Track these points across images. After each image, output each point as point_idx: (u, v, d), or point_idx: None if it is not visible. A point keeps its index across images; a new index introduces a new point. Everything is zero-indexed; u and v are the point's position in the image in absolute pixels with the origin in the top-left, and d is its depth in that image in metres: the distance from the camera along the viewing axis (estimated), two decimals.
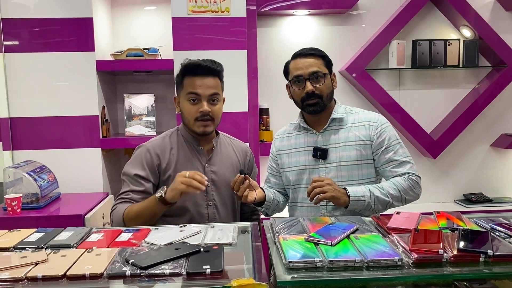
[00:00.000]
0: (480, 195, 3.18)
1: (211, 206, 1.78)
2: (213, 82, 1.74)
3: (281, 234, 1.32)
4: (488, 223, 1.39)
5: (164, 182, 1.74)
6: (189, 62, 1.76)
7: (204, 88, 1.72)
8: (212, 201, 1.78)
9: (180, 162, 1.77)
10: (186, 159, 1.78)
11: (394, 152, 1.79)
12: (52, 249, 1.27)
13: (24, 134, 2.56)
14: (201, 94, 1.72)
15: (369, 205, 1.69)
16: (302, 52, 1.84)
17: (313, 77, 1.80)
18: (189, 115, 1.74)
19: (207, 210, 1.77)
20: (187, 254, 1.19)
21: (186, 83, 1.75)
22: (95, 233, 1.41)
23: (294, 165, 1.88)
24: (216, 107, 1.76)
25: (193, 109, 1.73)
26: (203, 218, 1.76)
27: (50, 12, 2.53)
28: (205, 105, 1.72)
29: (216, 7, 2.58)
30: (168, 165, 1.75)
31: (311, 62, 1.81)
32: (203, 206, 1.77)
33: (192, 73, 1.73)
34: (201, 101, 1.72)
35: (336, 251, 1.17)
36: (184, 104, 1.76)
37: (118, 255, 1.20)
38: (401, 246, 1.20)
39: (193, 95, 1.72)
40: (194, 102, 1.73)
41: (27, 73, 2.55)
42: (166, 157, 1.76)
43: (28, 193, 2.25)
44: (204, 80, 1.72)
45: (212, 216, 1.78)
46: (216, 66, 1.77)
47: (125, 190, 1.73)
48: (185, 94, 1.75)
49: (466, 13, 2.95)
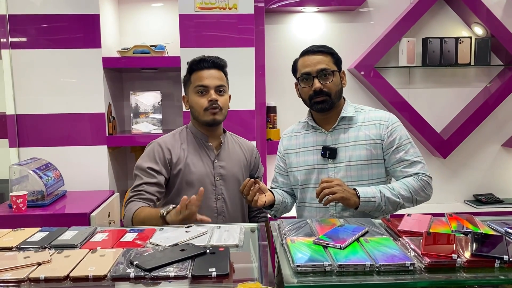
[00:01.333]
0: (491, 195, 3.13)
1: (219, 200, 1.81)
2: (218, 74, 1.82)
3: (289, 236, 1.29)
4: (502, 227, 1.35)
5: (174, 176, 1.80)
6: (194, 59, 1.83)
7: (211, 79, 1.79)
8: (220, 195, 1.82)
9: (190, 157, 1.81)
10: (195, 154, 1.83)
11: (405, 152, 1.75)
12: (55, 249, 1.25)
13: (30, 131, 2.55)
14: (208, 85, 1.78)
15: (380, 206, 1.65)
16: (310, 49, 1.81)
17: (321, 74, 1.76)
18: (198, 106, 1.79)
19: (216, 204, 1.81)
20: (193, 256, 1.17)
21: (193, 78, 1.82)
22: (99, 233, 1.39)
23: (302, 165, 1.84)
24: (223, 97, 1.82)
25: (202, 100, 1.78)
26: (212, 211, 1.79)
27: (57, 8, 2.51)
28: (213, 93, 1.77)
29: (224, 3, 2.55)
30: (179, 159, 1.80)
31: (319, 59, 1.78)
32: (212, 199, 1.80)
33: (198, 67, 1.81)
34: (209, 91, 1.78)
35: (345, 255, 1.13)
36: (192, 98, 1.82)
37: (122, 256, 1.18)
38: (413, 250, 1.17)
39: (200, 87, 1.78)
40: (202, 94, 1.79)
41: (33, 70, 2.53)
42: (177, 152, 1.81)
43: (33, 191, 2.23)
44: (210, 72, 1.80)
45: (221, 209, 1.81)
46: (220, 60, 1.84)
47: (139, 183, 1.76)
48: (193, 88, 1.81)
49: (478, 10, 2.90)
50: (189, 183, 1.78)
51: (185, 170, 1.79)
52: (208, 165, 1.82)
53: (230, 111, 1.90)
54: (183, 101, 1.92)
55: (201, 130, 1.86)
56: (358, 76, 2.97)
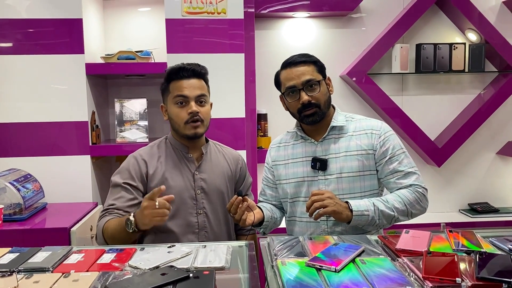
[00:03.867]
0: (486, 204, 3.06)
1: (201, 214, 1.72)
2: (199, 83, 1.72)
3: (279, 256, 1.20)
4: (505, 244, 1.27)
5: (151, 189, 1.65)
6: (173, 67, 1.73)
7: (191, 89, 1.69)
8: (202, 209, 1.72)
9: (168, 170, 1.72)
10: (174, 167, 1.74)
11: (399, 162, 1.68)
12: (25, 274, 1.15)
13: (9, 140, 2.43)
14: (188, 95, 1.68)
15: (373, 220, 1.57)
16: (292, 61, 1.73)
17: (307, 86, 1.68)
18: (178, 118, 1.70)
19: (197, 219, 1.71)
20: (174, 281, 1.07)
21: (172, 87, 1.71)
22: (75, 253, 1.30)
23: (291, 177, 1.76)
24: (204, 108, 1.72)
25: (182, 112, 1.69)
26: (192, 227, 1.70)
27: (38, 12, 2.41)
28: (193, 105, 1.68)
29: (212, 8, 2.47)
30: (156, 173, 1.71)
31: (303, 70, 1.70)
32: (193, 214, 1.71)
33: (177, 77, 1.70)
34: (189, 102, 1.68)
35: (340, 278, 1.05)
36: (171, 109, 1.72)
37: (98, 281, 1.09)
38: (413, 272, 1.08)
39: (180, 97, 1.68)
40: (182, 105, 1.69)
41: (12, 76, 2.42)
42: (154, 165, 1.73)
43: (10, 204, 2.12)
44: (189, 82, 1.69)
45: (203, 225, 1.71)
46: (201, 68, 1.74)
47: (110, 202, 1.66)
48: (172, 99, 1.71)
49: (472, 16, 2.85)
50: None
51: (162, 184, 1.63)
52: (188, 178, 1.73)
53: (220, 118, 1.81)
54: (162, 110, 1.81)
55: (181, 141, 1.77)
56: (351, 82, 2.90)
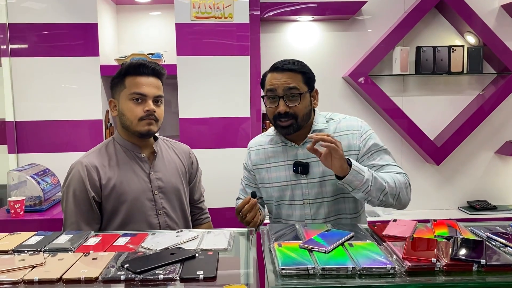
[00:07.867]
0: (484, 202, 3.16)
1: (161, 215, 1.69)
2: (157, 83, 1.68)
3: (277, 240, 1.33)
4: (485, 232, 1.38)
5: (106, 198, 1.63)
6: (132, 62, 1.66)
7: (150, 88, 1.64)
8: (162, 209, 1.69)
9: (122, 173, 1.65)
10: (127, 169, 1.67)
11: (381, 158, 1.67)
12: (50, 253, 1.28)
13: (29, 137, 2.60)
14: (146, 94, 1.63)
15: (367, 183, 1.50)
16: (280, 66, 1.66)
17: (288, 95, 1.63)
18: (132, 115, 1.63)
19: (157, 219, 1.68)
20: (182, 259, 1.20)
21: (128, 83, 1.64)
22: (93, 237, 1.43)
23: (275, 181, 1.74)
24: (160, 108, 1.68)
25: (137, 109, 1.63)
26: (154, 228, 1.67)
27: (56, 17, 2.57)
28: (151, 104, 1.63)
29: (220, 13, 2.60)
30: (109, 179, 1.63)
31: (288, 78, 1.63)
32: (153, 216, 1.68)
33: (135, 72, 1.64)
34: (146, 100, 1.63)
35: (329, 259, 1.17)
36: (125, 105, 1.64)
37: (114, 260, 1.22)
38: (395, 254, 1.21)
39: (137, 95, 1.62)
40: (138, 102, 1.63)
41: (32, 77, 2.58)
42: (105, 170, 1.64)
43: (31, 196, 2.28)
44: (148, 80, 1.65)
45: (164, 225, 1.70)
46: (161, 68, 1.69)
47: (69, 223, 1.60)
48: (127, 94, 1.64)
49: (471, 20, 2.95)
50: (124, 202, 1.63)
51: (118, 190, 1.62)
52: (144, 179, 1.67)
53: (226, 118, 1.84)
54: (110, 106, 1.71)
55: (132, 140, 1.69)
56: (353, 84, 3.02)
